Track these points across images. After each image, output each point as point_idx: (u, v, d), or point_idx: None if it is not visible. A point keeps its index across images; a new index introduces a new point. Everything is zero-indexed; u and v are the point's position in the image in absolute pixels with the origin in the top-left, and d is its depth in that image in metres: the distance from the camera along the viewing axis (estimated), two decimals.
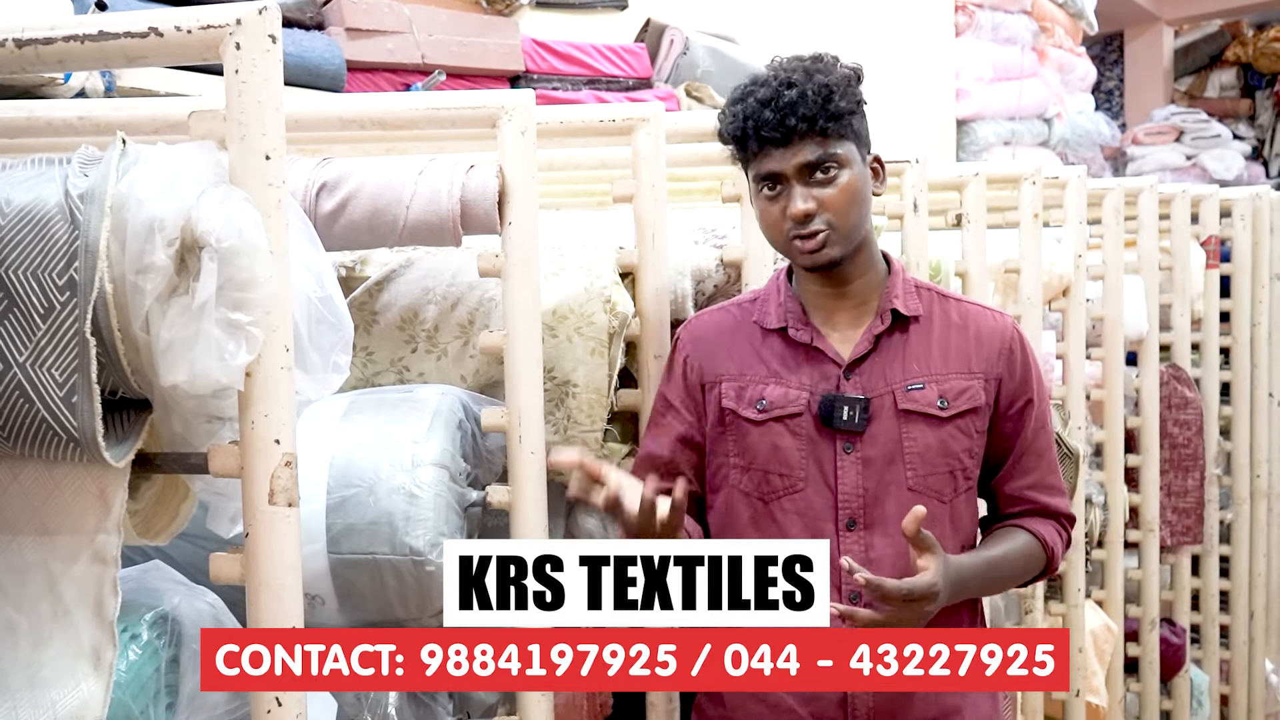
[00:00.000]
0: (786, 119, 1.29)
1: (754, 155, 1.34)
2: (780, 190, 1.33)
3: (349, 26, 2.48)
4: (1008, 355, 1.40)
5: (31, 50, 1.00)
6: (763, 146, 1.32)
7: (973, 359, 1.39)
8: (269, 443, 0.99)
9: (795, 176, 1.31)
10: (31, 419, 0.93)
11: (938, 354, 1.39)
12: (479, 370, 1.61)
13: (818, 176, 1.32)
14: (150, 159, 0.96)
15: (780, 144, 1.31)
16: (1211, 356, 3.22)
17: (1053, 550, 1.41)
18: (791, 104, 1.30)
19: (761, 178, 1.34)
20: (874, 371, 1.37)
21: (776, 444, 1.37)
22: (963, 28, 4.67)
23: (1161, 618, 3.01)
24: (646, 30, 3.32)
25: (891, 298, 1.39)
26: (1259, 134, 7.10)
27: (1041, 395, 1.43)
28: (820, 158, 1.31)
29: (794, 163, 1.31)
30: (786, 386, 1.38)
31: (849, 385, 1.36)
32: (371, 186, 1.42)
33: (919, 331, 1.39)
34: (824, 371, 1.37)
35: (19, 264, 0.92)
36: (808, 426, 1.36)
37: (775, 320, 1.41)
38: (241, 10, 0.97)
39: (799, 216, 1.31)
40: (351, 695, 1.35)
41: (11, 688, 0.98)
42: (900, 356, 1.38)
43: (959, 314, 1.42)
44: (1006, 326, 1.42)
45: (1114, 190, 2.67)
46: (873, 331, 1.38)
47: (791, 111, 1.30)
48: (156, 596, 1.15)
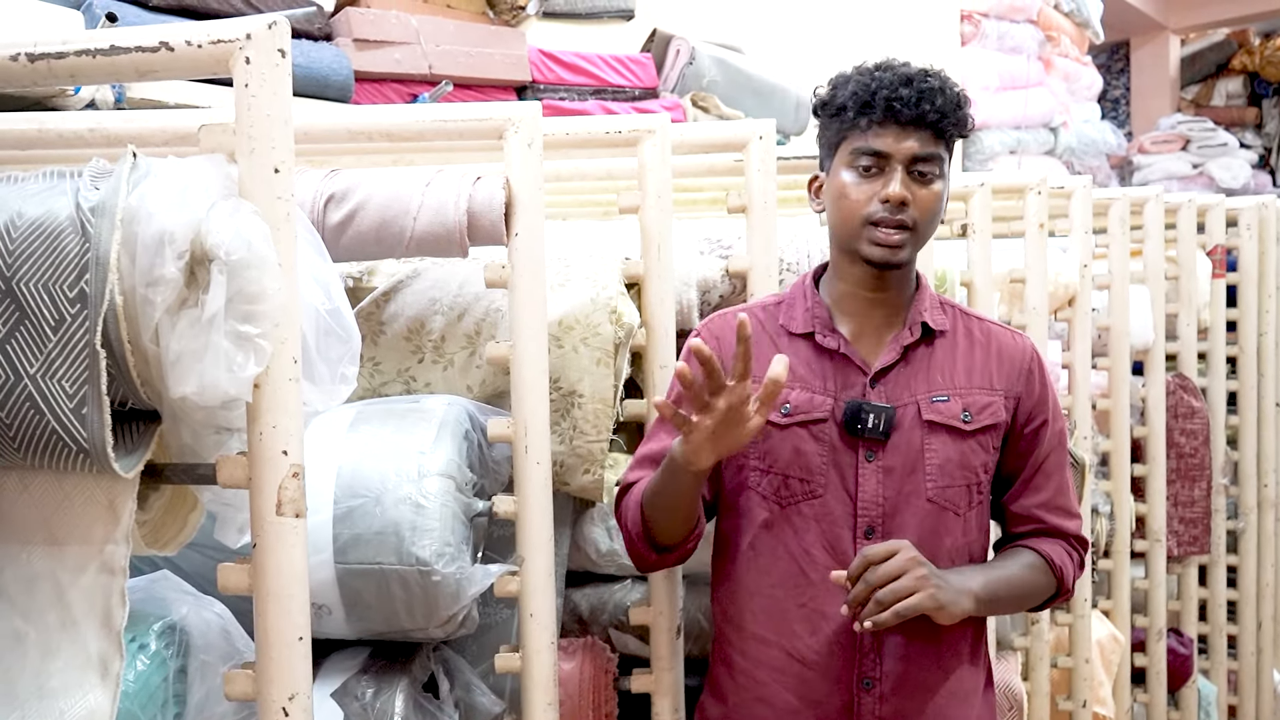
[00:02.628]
0: (923, 102, 1.30)
1: (864, 127, 1.31)
2: (875, 172, 1.31)
3: (357, 37, 2.49)
4: (1028, 375, 1.41)
5: (44, 65, 1.01)
6: (884, 120, 1.30)
7: (995, 376, 1.40)
8: (277, 454, 0.99)
9: (902, 163, 1.31)
10: (42, 430, 0.94)
11: (962, 369, 1.39)
12: (485, 380, 1.62)
13: (918, 173, 1.31)
14: (160, 172, 0.96)
15: (903, 123, 1.30)
16: (1218, 366, 3.22)
17: (1061, 570, 1.40)
18: (931, 91, 1.30)
19: (864, 152, 1.31)
20: (899, 382, 1.37)
21: (798, 448, 1.37)
22: (968, 37, 4.67)
23: (1169, 628, 3.00)
24: (653, 40, 3.33)
25: (921, 311, 1.40)
26: (1266, 142, 7.08)
27: (1056, 417, 1.44)
28: (932, 154, 1.32)
29: (908, 149, 1.30)
30: (812, 391, 1.38)
31: (874, 394, 1.36)
32: (379, 198, 1.42)
33: (944, 346, 1.40)
34: (850, 379, 1.37)
35: (30, 277, 0.92)
36: (831, 433, 1.36)
37: (802, 325, 1.41)
38: (251, 25, 0.97)
39: (898, 200, 1.29)
40: (357, 705, 1.35)
41: (20, 697, 0.99)
42: (926, 369, 1.38)
43: (982, 332, 1.43)
44: (1028, 348, 1.43)
45: (1119, 200, 2.67)
46: (901, 342, 1.38)
47: (929, 98, 1.30)
48: (165, 606, 1.16)
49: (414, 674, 1.42)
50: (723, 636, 1.45)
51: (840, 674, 1.35)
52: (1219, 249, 3.21)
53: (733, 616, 1.43)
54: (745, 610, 1.41)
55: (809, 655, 1.36)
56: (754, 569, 1.40)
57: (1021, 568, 1.39)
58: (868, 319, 1.39)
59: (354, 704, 1.36)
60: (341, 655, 1.46)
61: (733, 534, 1.43)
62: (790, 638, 1.37)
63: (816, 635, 1.36)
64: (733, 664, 1.42)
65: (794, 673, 1.37)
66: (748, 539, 1.40)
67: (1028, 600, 1.42)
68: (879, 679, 1.34)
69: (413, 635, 1.42)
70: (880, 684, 1.34)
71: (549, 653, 1.42)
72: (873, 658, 1.35)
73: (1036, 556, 1.40)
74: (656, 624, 1.61)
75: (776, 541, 1.38)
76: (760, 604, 1.39)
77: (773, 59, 3.59)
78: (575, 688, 1.61)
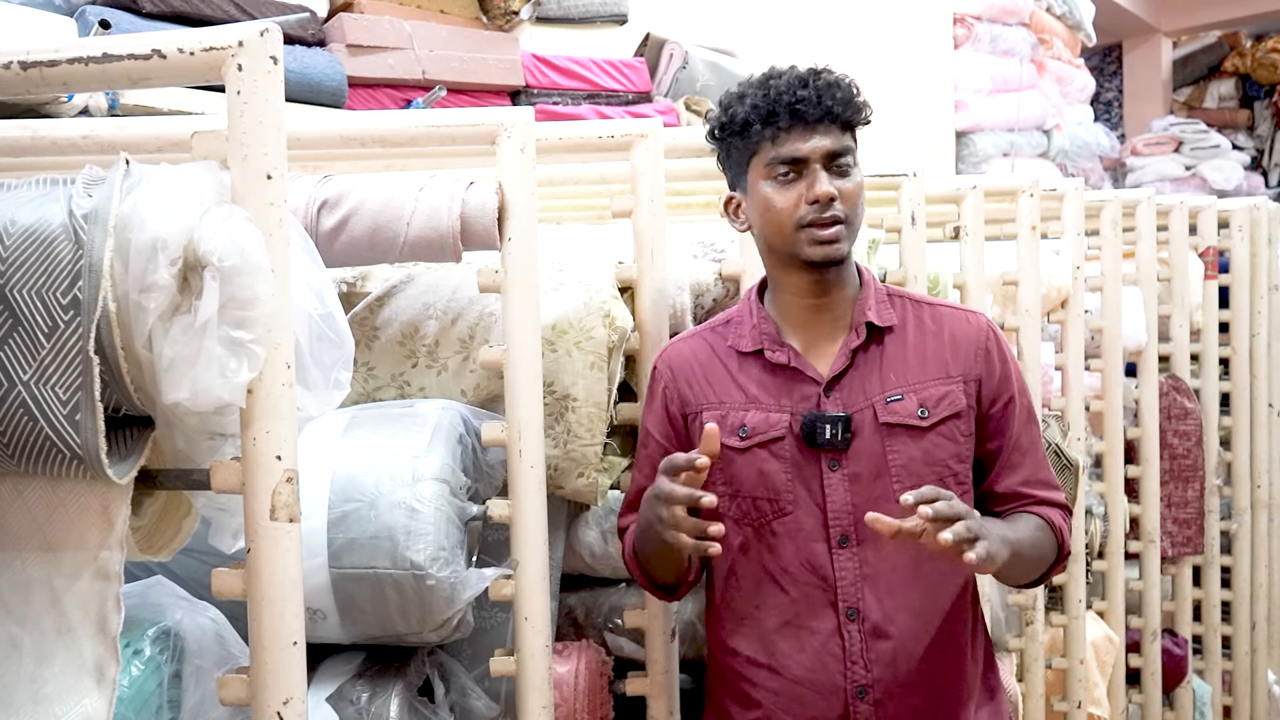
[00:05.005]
0: (824, 99, 1.30)
1: (773, 137, 1.32)
2: (795, 177, 1.32)
3: (350, 43, 2.50)
4: (984, 355, 1.39)
5: (36, 72, 1.01)
6: (791, 126, 1.31)
7: (950, 363, 1.38)
8: (270, 459, 1.00)
9: (819, 162, 1.31)
10: (35, 436, 0.94)
11: (915, 362, 1.37)
12: (479, 385, 1.62)
13: (836, 169, 1.32)
14: (153, 179, 0.97)
15: (810, 124, 1.30)
16: (1211, 367, 3.22)
17: (1060, 530, 1.39)
18: (829, 85, 1.32)
19: (780, 161, 1.32)
20: (853, 387, 1.36)
21: (761, 469, 1.36)
22: (961, 40, 4.69)
23: (1163, 629, 3.00)
24: (646, 44, 3.34)
25: (865, 310, 1.38)
26: (1258, 144, 7.12)
27: (1022, 390, 1.42)
28: (844, 148, 1.32)
29: (821, 147, 1.31)
30: (767, 411, 1.37)
31: (829, 403, 1.35)
32: (372, 203, 1.43)
33: (894, 341, 1.38)
34: (803, 391, 1.36)
35: (23, 284, 0.93)
36: (791, 449, 1.35)
37: (750, 343, 1.40)
38: (243, 32, 0.98)
39: (825, 197, 1.30)
40: (352, 710, 1.36)
41: (15, 704, 0.99)
42: (878, 369, 1.37)
43: (932, 318, 1.41)
44: (981, 326, 1.41)
45: (1112, 202, 2.68)
46: (849, 346, 1.37)
47: (829, 93, 1.31)
48: (159, 612, 1.16)
49: (409, 678, 1.42)
50: (717, 661, 1.45)
51: (833, 686, 1.34)
52: (1211, 251, 3.22)
53: (724, 641, 1.42)
54: (735, 634, 1.41)
55: (799, 672, 1.36)
56: (738, 594, 1.40)
57: (1032, 528, 1.36)
58: (814, 328, 1.39)
59: (349, 708, 1.36)
60: (336, 660, 1.46)
61: (714, 561, 1.42)
62: (779, 657, 1.37)
63: (804, 651, 1.35)
64: (731, 687, 1.42)
65: (787, 691, 1.37)
66: (727, 564, 1.40)
67: (1042, 561, 1.38)
68: (872, 686, 1.34)
69: (407, 640, 1.42)
70: (874, 690, 1.34)
71: (544, 656, 1.42)
72: (863, 665, 1.34)
73: (1036, 517, 1.38)
74: (651, 627, 1.61)
75: (754, 563, 1.37)
76: (748, 627, 1.39)
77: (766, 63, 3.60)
78: (570, 691, 1.62)
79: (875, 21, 4.28)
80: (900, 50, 4.38)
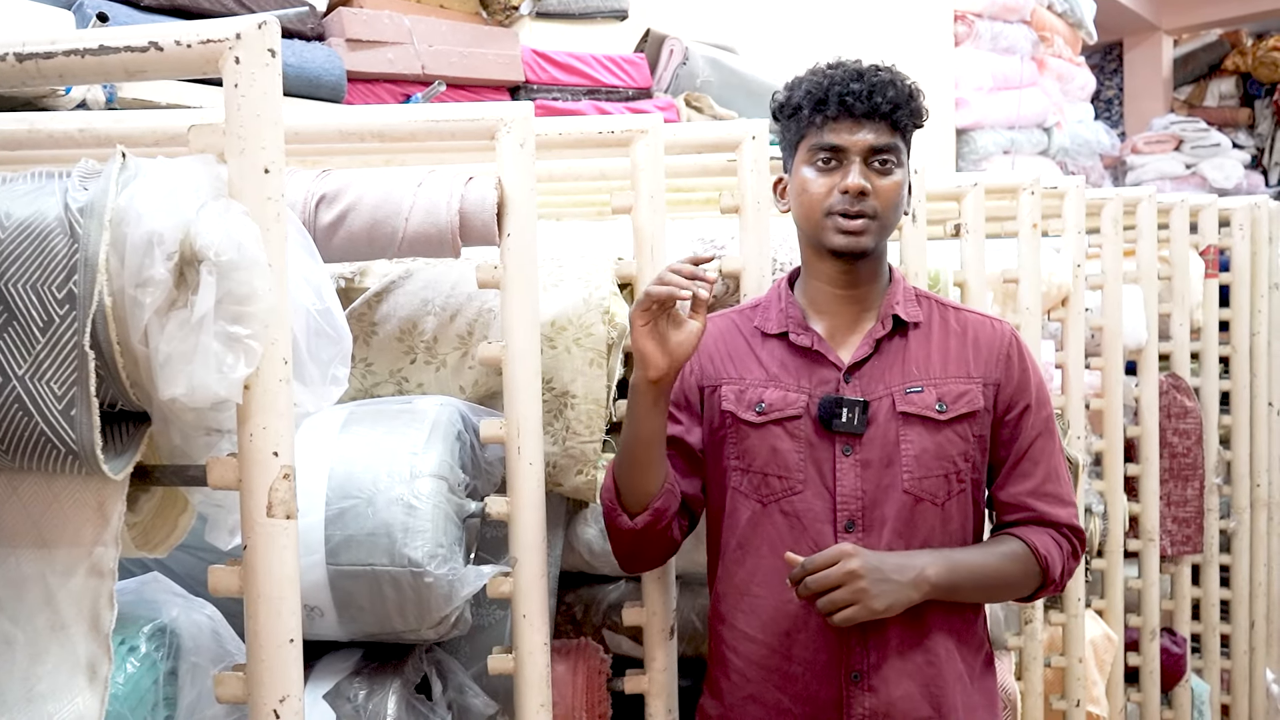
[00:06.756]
0: (875, 95, 1.33)
1: (820, 124, 1.35)
2: (834, 165, 1.35)
3: (349, 37, 2.49)
4: (1005, 360, 1.41)
5: (32, 65, 1.00)
6: (838, 115, 1.34)
7: (971, 364, 1.40)
8: (267, 455, 0.99)
9: (858, 155, 1.34)
10: (30, 432, 0.94)
11: (937, 359, 1.40)
12: (478, 381, 1.61)
13: (876, 164, 1.35)
14: (149, 173, 0.96)
15: (857, 117, 1.33)
16: (1211, 366, 3.22)
17: (1046, 559, 1.37)
18: (883, 84, 1.34)
19: (821, 148, 1.35)
20: (873, 375, 1.38)
21: (775, 446, 1.38)
22: (962, 37, 4.68)
23: (1162, 627, 3.00)
24: (646, 40, 3.33)
25: (893, 304, 1.41)
26: (1258, 143, 7.11)
27: (1042, 402, 1.43)
28: (888, 145, 1.35)
29: (863, 141, 1.34)
30: (785, 389, 1.39)
31: (848, 388, 1.38)
32: (370, 198, 1.42)
33: (919, 337, 1.41)
34: (824, 375, 1.39)
35: (18, 278, 0.92)
36: (807, 429, 1.37)
37: (776, 325, 1.43)
38: (241, 25, 0.97)
39: (856, 190, 1.33)
40: (350, 707, 1.35)
41: (8, 702, 0.98)
42: (900, 361, 1.39)
43: (958, 321, 1.44)
44: (1005, 333, 1.44)
45: (1112, 200, 2.67)
46: (874, 336, 1.39)
47: (881, 91, 1.33)
48: (155, 608, 1.15)
49: (407, 676, 1.42)
50: (717, 636, 1.46)
51: (828, 669, 1.36)
52: (1212, 249, 3.22)
53: (725, 616, 1.43)
54: (735, 609, 1.42)
55: (796, 652, 1.37)
56: (742, 568, 1.41)
57: (998, 556, 1.37)
58: (841, 315, 1.41)
59: (346, 706, 1.35)
60: (334, 657, 1.46)
61: (722, 534, 1.44)
62: (777, 635, 1.38)
63: (803, 631, 1.37)
64: (727, 663, 1.43)
65: (783, 670, 1.38)
66: (735, 538, 1.41)
67: (1000, 591, 1.41)
68: (866, 671, 1.35)
69: (405, 637, 1.41)
70: (868, 676, 1.35)
71: (542, 654, 1.42)
72: (860, 651, 1.35)
73: (1020, 545, 1.38)
74: (650, 625, 1.61)
75: (761, 539, 1.39)
76: (749, 603, 1.40)
77: (766, 59, 3.59)
78: (568, 689, 1.61)
79: (876, 18, 4.27)
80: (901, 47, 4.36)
